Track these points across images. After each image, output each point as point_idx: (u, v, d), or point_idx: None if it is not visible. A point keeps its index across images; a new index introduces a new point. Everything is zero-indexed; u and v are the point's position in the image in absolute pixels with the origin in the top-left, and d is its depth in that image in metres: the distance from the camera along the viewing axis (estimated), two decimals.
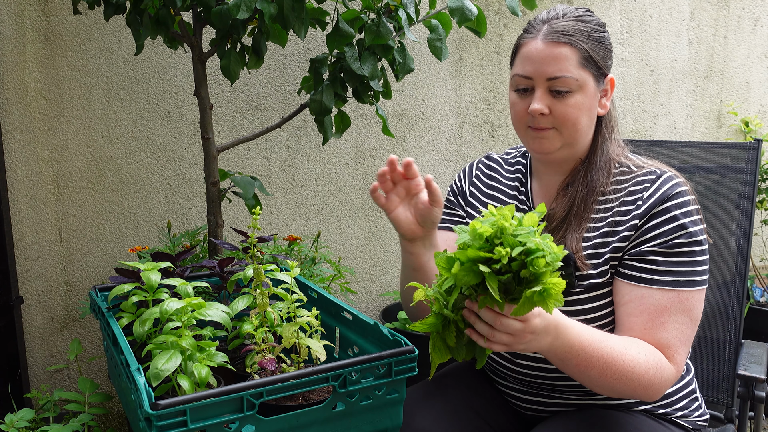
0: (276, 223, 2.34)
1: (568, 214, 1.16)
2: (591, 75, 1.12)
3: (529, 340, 0.92)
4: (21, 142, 2.02)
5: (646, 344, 1.05)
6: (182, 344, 1.02)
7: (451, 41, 2.46)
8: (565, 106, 1.11)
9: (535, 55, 1.11)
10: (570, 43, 1.09)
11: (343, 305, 1.27)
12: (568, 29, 1.10)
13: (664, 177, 1.12)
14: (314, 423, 0.99)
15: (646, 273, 1.08)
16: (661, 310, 1.06)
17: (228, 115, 2.21)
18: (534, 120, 1.13)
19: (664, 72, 2.86)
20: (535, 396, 1.22)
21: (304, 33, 1.51)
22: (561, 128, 1.12)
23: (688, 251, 1.08)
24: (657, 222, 1.09)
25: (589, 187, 1.15)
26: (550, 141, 1.14)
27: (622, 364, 1.01)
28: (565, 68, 1.09)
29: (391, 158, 1.09)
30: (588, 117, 1.14)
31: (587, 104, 1.12)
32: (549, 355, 1.00)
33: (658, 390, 1.05)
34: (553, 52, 1.10)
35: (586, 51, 1.10)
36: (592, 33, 1.12)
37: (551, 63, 1.10)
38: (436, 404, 1.23)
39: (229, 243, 1.39)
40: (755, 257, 3.04)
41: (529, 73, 1.12)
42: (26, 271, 2.09)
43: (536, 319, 0.91)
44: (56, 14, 2.00)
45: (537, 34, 1.12)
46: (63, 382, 2.18)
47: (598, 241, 1.13)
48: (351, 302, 2.45)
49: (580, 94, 1.11)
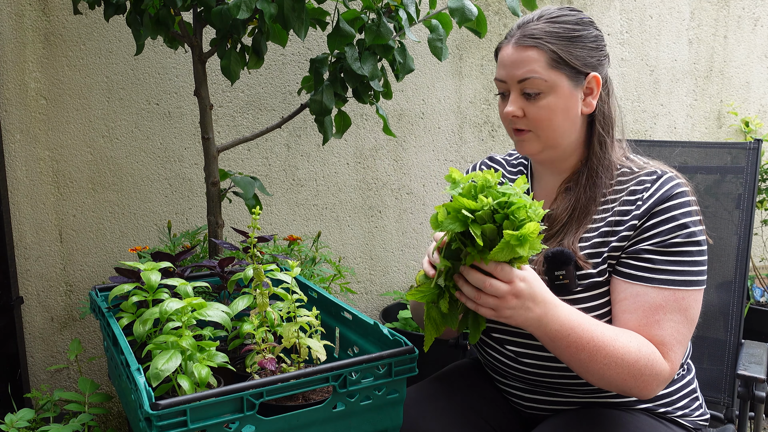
0: (276, 223, 2.34)
1: (570, 218, 1.16)
2: (564, 75, 1.12)
3: (515, 305, 0.96)
4: (21, 142, 2.02)
5: (639, 336, 1.06)
6: (182, 344, 1.02)
7: (451, 41, 2.46)
8: (537, 108, 1.13)
9: (507, 60, 1.15)
10: (536, 46, 1.12)
11: (343, 305, 1.27)
12: (536, 32, 1.12)
13: (665, 177, 1.12)
14: (314, 423, 0.99)
15: (642, 271, 1.08)
16: (656, 308, 1.06)
17: (228, 115, 2.21)
18: (512, 122, 1.17)
19: (664, 72, 2.87)
20: (536, 395, 1.22)
21: (304, 33, 1.51)
22: (536, 130, 1.15)
23: (685, 251, 1.08)
24: (656, 221, 1.09)
25: (591, 193, 1.16)
26: (530, 144, 1.17)
27: (612, 349, 1.01)
28: (532, 70, 1.12)
29: None
30: (564, 117, 1.15)
31: (561, 105, 1.13)
32: (539, 333, 1.01)
33: (650, 384, 1.04)
34: (520, 56, 1.12)
35: (554, 52, 1.11)
36: (565, 33, 1.13)
37: (519, 66, 1.13)
38: (436, 404, 1.23)
39: (229, 243, 1.39)
40: (755, 257, 3.04)
41: (503, 77, 1.16)
42: (26, 271, 2.09)
43: (521, 282, 0.95)
44: (56, 14, 2.00)
45: (511, 39, 1.15)
46: (63, 382, 2.18)
47: (597, 241, 1.13)
48: (351, 302, 2.45)
49: (552, 96, 1.13)
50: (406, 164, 2.49)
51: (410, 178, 2.51)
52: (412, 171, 2.51)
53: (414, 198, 2.53)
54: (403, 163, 2.48)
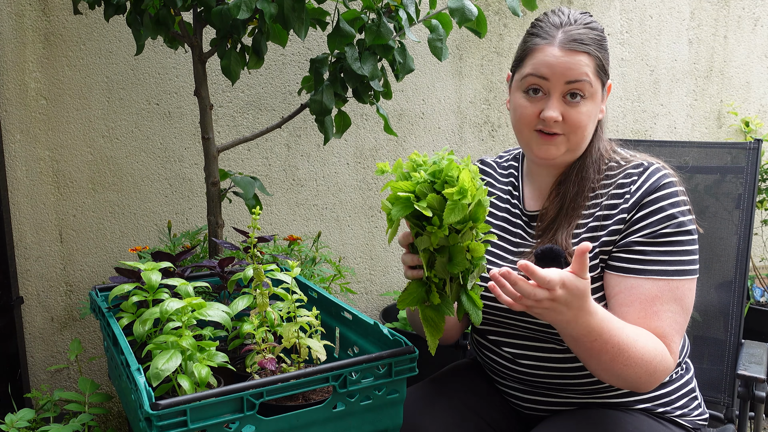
0: (276, 223, 2.34)
1: (559, 212, 1.17)
2: (600, 83, 1.15)
3: (548, 306, 0.94)
4: (21, 142, 2.02)
5: (651, 334, 1.06)
6: (182, 344, 1.02)
7: (451, 41, 2.46)
8: (577, 113, 1.12)
9: (554, 62, 1.11)
10: (587, 52, 1.12)
11: (343, 305, 1.27)
12: (584, 38, 1.12)
13: (652, 168, 1.13)
14: (314, 423, 0.99)
15: (634, 263, 1.09)
16: (653, 299, 1.07)
17: (228, 115, 2.21)
18: (546, 125, 1.14)
19: (664, 72, 2.86)
20: (535, 395, 1.22)
21: (304, 33, 1.51)
22: (570, 135, 1.14)
23: (675, 240, 1.08)
24: (644, 213, 1.10)
25: (580, 186, 1.17)
26: (557, 147, 1.15)
27: (634, 351, 1.01)
28: (584, 73, 1.11)
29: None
30: (593, 123, 1.17)
31: (594, 111, 1.15)
32: (563, 332, 1.01)
33: (659, 378, 1.06)
34: (572, 59, 1.11)
35: (599, 59, 1.13)
36: (601, 41, 1.14)
37: (571, 68, 1.11)
38: (436, 404, 1.23)
39: (229, 243, 1.39)
40: (755, 257, 3.04)
41: (547, 75, 1.12)
42: (26, 271, 2.09)
43: (560, 290, 0.92)
44: (56, 14, 2.00)
45: (552, 40, 1.12)
46: (63, 382, 2.18)
47: (586, 236, 1.13)
48: (351, 302, 2.45)
49: (591, 102, 1.13)
50: None
51: None
52: None
53: None
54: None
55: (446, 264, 0.95)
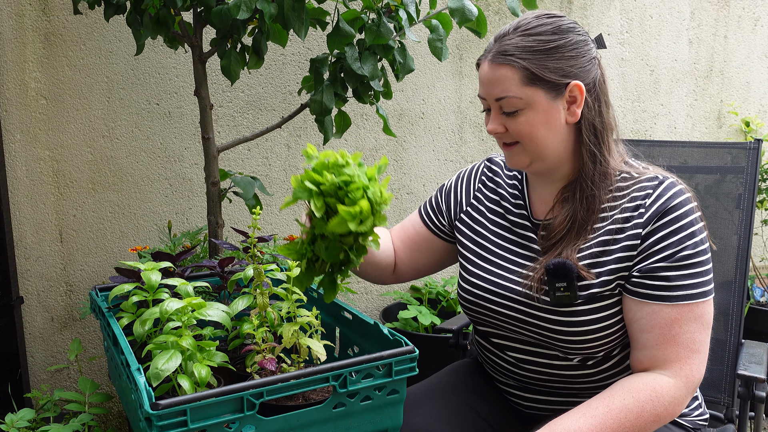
0: (276, 223, 2.34)
1: (569, 231, 1.14)
2: (540, 90, 1.08)
3: None
4: (21, 142, 2.02)
5: (630, 384, 1.05)
6: (182, 344, 1.02)
7: (452, 41, 2.46)
8: (517, 124, 1.11)
9: (483, 78, 1.12)
10: (509, 64, 1.08)
11: (343, 305, 1.27)
12: (509, 48, 1.09)
13: (667, 183, 1.10)
14: (314, 423, 0.99)
15: (658, 290, 1.07)
16: (672, 322, 1.05)
17: (228, 115, 2.21)
18: (499, 137, 1.15)
19: (664, 72, 2.87)
20: (535, 395, 1.22)
21: (304, 33, 1.51)
22: (523, 144, 1.13)
23: (696, 262, 1.06)
24: (664, 234, 1.07)
25: (590, 206, 1.13)
26: (518, 156, 1.15)
27: (614, 422, 1.01)
28: (507, 89, 1.09)
29: None
30: (547, 130, 1.11)
31: (540, 119, 1.10)
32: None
33: (670, 411, 1.05)
34: (495, 74, 1.10)
35: (526, 69, 1.07)
36: (539, 46, 1.08)
37: (494, 85, 1.10)
38: (436, 403, 1.23)
39: (229, 243, 1.39)
40: (755, 257, 3.04)
41: (482, 94, 1.14)
42: (26, 271, 2.09)
43: None
44: (56, 14, 2.00)
45: (487, 54, 1.12)
46: (63, 382, 2.18)
47: (596, 251, 1.11)
48: (351, 302, 2.46)
49: (530, 111, 1.09)
50: (406, 164, 2.49)
51: (410, 178, 2.51)
52: (412, 171, 2.51)
53: (414, 198, 2.53)
54: (403, 163, 2.48)
55: (323, 249, 0.97)
